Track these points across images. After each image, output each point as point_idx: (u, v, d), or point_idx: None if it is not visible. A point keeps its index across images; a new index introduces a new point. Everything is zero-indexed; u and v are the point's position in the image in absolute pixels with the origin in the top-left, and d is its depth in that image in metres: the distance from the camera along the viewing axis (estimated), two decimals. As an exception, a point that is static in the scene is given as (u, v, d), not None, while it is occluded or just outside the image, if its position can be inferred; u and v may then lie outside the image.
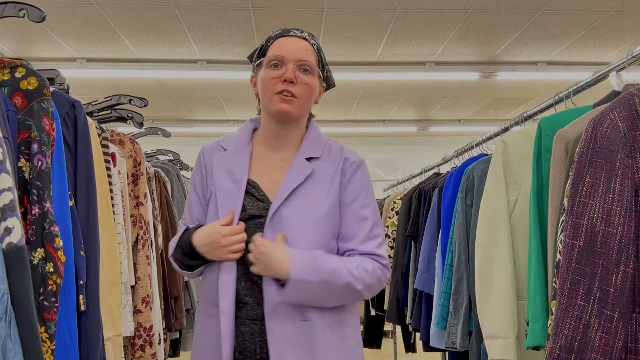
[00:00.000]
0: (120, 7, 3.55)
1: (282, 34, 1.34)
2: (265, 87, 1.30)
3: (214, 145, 1.40)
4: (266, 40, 1.36)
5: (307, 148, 1.35)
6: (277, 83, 1.28)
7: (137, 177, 2.05)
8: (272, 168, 1.34)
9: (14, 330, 0.93)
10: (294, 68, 1.28)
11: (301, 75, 1.29)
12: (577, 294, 1.01)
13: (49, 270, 1.08)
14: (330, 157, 1.35)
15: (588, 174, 1.04)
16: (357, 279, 1.23)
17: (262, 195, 1.29)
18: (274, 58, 1.30)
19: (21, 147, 1.12)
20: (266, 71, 1.31)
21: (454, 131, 6.97)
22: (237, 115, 6.31)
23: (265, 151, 1.37)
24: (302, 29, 1.36)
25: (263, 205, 1.28)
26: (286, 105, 1.28)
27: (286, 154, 1.36)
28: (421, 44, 4.25)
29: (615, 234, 0.99)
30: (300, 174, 1.29)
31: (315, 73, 1.33)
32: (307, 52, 1.32)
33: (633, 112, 1.03)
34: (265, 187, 1.31)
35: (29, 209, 1.10)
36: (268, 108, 1.31)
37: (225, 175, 1.32)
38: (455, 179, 2.40)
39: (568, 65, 4.69)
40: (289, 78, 1.27)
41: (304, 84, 1.29)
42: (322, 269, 1.21)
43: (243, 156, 1.34)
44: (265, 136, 1.38)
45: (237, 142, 1.38)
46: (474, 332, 2.02)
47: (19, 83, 1.16)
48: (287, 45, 1.31)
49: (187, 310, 2.82)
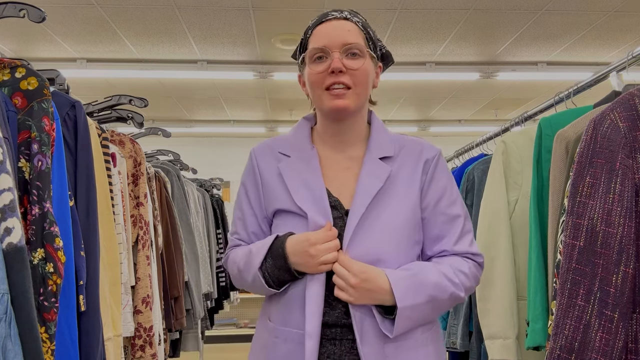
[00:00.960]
0: (120, 7, 3.55)
1: (319, 20, 1.18)
2: (313, 84, 1.16)
3: (268, 150, 1.25)
4: (304, 32, 1.21)
5: (377, 146, 1.20)
6: (324, 77, 1.14)
7: (137, 177, 2.05)
8: (338, 169, 1.21)
9: (13, 330, 0.93)
10: (339, 55, 1.12)
11: (349, 61, 1.13)
12: (577, 294, 1.01)
13: (49, 270, 1.08)
14: (405, 155, 1.21)
15: (588, 174, 1.04)
16: (459, 286, 1.12)
17: (334, 201, 1.16)
18: (315, 51, 1.15)
19: (21, 147, 1.12)
20: (310, 66, 1.16)
21: (454, 131, 6.97)
22: (237, 115, 6.31)
23: (328, 151, 1.23)
24: (340, 9, 1.19)
25: (337, 213, 1.14)
26: (339, 100, 1.13)
27: (351, 153, 1.22)
28: (421, 44, 4.25)
29: (616, 234, 0.99)
30: (376, 177, 1.16)
31: (366, 54, 1.15)
32: (351, 32, 1.15)
33: (633, 112, 1.03)
34: (336, 190, 1.18)
35: (29, 209, 1.10)
36: (320, 106, 1.18)
37: (300, 186, 1.17)
38: (455, 179, 2.40)
39: (568, 65, 4.68)
40: (336, 68, 1.12)
41: (355, 69, 1.13)
42: (424, 285, 1.08)
43: (310, 163, 1.19)
44: (324, 136, 1.24)
45: (298, 145, 1.23)
46: (474, 332, 2.02)
47: (18, 83, 1.16)
48: (327, 31, 1.15)
49: (187, 310, 2.82)
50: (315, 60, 1.15)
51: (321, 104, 1.17)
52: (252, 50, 4.36)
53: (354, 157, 1.21)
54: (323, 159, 1.22)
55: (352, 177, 1.19)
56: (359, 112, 1.21)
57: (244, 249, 1.21)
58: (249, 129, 6.73)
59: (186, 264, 2.82)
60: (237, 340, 6.19)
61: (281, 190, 1.18)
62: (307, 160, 1.19)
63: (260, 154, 1.24)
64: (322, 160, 1.21)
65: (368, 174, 1.16)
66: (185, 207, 2.96)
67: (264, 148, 1.25)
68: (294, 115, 6.25)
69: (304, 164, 1.19)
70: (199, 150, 6.75)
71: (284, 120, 6.53)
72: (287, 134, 1.27)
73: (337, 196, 1.16)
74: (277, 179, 1.20)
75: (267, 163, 1.22)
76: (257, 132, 6.86)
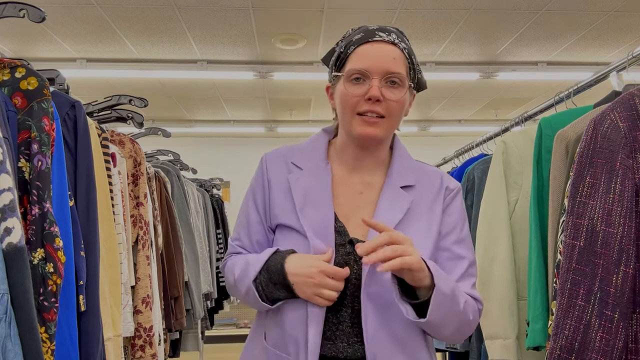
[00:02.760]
0: (120, 7, 3.55)
1: (364, 38, 1.09)
2: (345, 105, 1.10)
3: (280, 158, 1.18)
4: (345, 45, 1.12)
5: (399, 174, 1.14)
6: (359, 101, 1.07)
7: (137, 177, 2.05)
8: (350, 193, 1.14)
9: (13, 330, 0.93)
10: (379, 83, 1.06)
11: (388, 90, 1.07)
12: (578, 294, 1.01)
13: (49, 271, 1.08)
14: (427, 183, 1.15)
15: (588, 174, 1.04)
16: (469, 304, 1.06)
17: (339, 227, 1.10)
18: (355, 72, 1.08)
19: (21, 147, 1.12)
20: (346, 85, 1.09)
21: (454, 131, 6.97)
22: (237, 116, 6.31)
23: (343, 171, 1.17)
24: (388, 29, 1.11)
25: (340, 239, 1.08)
26: (371, 128, 1.08)
27: (367, 178, 1.16)
28: (421, 44, 4.25)
29: (616, 234, 0.99)
30: (397, 207, 1.09)
31: (406, 85, 1.09)
32: (396, 61, 1.08)
33: (633, 112, 1.03)
34: (344, 216, 1.11)
35: (29, 209, 1.10)
36: (348, 130, 1.12)
37: (307, 204, 1.11)
38: (455, 179, 2.39)
39: (568, 65, 4.68)
40: (374, 96, 1.05)
41: (393, 100, 1.07)
42: (448, 278, 1.02)
43: (322, 181, 1.12)
44: (342, 155, 1.17)
45: (311, 157, 1.17)
46: (474, 332, 2.02)
47: (18, 83, 1.16)
48: (372, 54, 1.07)
49: (187, 310, 2.82)
50: (352, 80, 1.09)
51: (350, 127, 1.11)
52: (252, 50, 4.36)
53: (370, 182, 1.16)
54: (336, 179, 1.16)
55: (364, 204, 1.13)
56: (386, 140, 1.16)
57: (242, 258, 1.16)
58: (249, 129, 6.72)
59: (186, 264, 2.82)
60: (237, 340, 6.19)
61: (287, 205, 1.12)
62: (319, 177, 1.13)
63: (271, 161, 1.19)
64: (335, 181, 1.15)
65: (388, 203, 1.10)
66: (185, 207, 2.96)
67: (277, 156, 1.19)
68: (294, 116, 6.25)
69: (315, 180, 1.13)
70: (199, 150, 6.75)
71: (284, 120, 6.53)
72: (303, 144, 1.21)
73: (343, 221, 1.11)
74: (285, 191, 1.14)
75: (278, 172, 1.17)
76: (257, 132, 6.86)
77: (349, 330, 1.06)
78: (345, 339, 1.06)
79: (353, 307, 1.07)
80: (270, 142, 6.98)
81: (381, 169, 1.18)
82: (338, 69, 1.13)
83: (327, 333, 1.06)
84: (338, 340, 1.06)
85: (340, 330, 1.06)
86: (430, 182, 1.16)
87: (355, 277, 1.07)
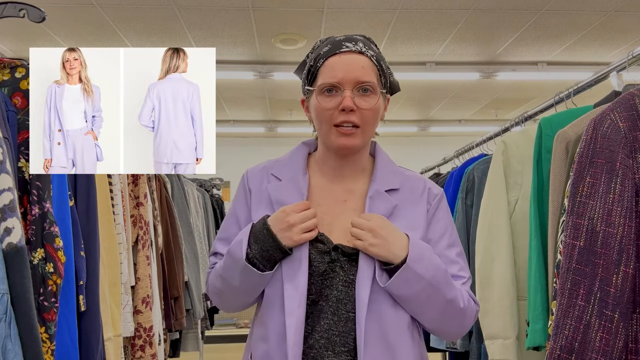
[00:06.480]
0: (120, 7, 3.55)
1: (332, 50, 1.12)
2: (320, 119, 1.13)
3: (261, 171, 1.22)
4: (314, 59, 1.15)
5: (383, 179, 1.17)
6: (333, 113, 1.10)
7: (137, 177, 2.05)
8: (334, 201, 1.17)
9: (13, 330, 0.93)
10: (351, 93, 1.09)
11: (361, 99, 1.10)
12: (578, 294, 1.01)
13: (49, 270, 1.08)
14: (410, 186, 1.19)
15: (588, 174, 1.04)
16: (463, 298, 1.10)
17: (320, 236, 1.11)
18: (327, 85, 1.11)
19: (21, 147, 1.12)
20: (319, 99, 1.12)
21: (454, 131, 6.97)
22: (237, 115, 6.31)
23: (324, 181, 1.20)
24: (354, 38, 1.14)
25: (323, 247, 1.10)
26: (347, 139, 1.11)
27: (350, 185, 1.19)
28: (421, 44, 4.25)
29: (616, 234, 0.99)
30: (383, 209, 1.13)
31: (377, 92, 1.12)
32: (365, 69, 1.11)
33: (633, 112, 1.03)
34: (327, 224, 1.14)
35: (29, 209, 1.10)
36: (327, 142, 1.15)
37: None
38: (455, 179, 2.40)
39: (568, 65, 4.69)
40: (347, 107, 1.08)
41: (367, 109, 1.11)
42: (436, 267, 1.07)
43: (299, 189, 1.16)
44: (323, 166, 1.21)
45: (290, 169, 1.20)
46: (474, 332, 2.03)
47: (18, 83, 1.16)
48: (340, 66, 1.10)
49: (187, 310, 2.82)
50: (324, 92, 1.11)
51: (327, 139, 1.14)
52: (252, 50, 4.36)
53: (353, 189, 1.19)
54: (316, 188, 1.19)
55: (348, 210, 1.16)
56: (364, 149, 1.20)
57: (220, 263, 1.17)
58: (249, 129, 6.72)
59: (186, 264, 2.82)
60: (237, 340, 6.19)
61: (265, 211, 1.15)
62: (296, 186, 1.16)
63: (253, 174, 1.22)
64: (315, 189, 1.18)
65: (373, 208, 1.13)
66: (185, 207, 2.96)
67: (259, 170, 1.23)
68: (294, 115, 6.25)
69: (293, 189, 1.16)
70: (199, 150, 6.73)
71: (284, 120, 6.53)
72: (284, 157, 1.25)
73: (327, 230, 1.12)
74: (265, 200, 1.17)
75: (258, 184, 1.20)
76: (257, 132, 6.87)
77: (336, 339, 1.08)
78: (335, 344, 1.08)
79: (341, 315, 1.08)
80: (270, 142, 6.99)
81: (364, 175, 1.21)
82: (310, 83, 1.16)
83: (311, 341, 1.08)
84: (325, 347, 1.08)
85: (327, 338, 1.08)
86: (413, 185, 1.19)
87: (342, 283, 1.09)
